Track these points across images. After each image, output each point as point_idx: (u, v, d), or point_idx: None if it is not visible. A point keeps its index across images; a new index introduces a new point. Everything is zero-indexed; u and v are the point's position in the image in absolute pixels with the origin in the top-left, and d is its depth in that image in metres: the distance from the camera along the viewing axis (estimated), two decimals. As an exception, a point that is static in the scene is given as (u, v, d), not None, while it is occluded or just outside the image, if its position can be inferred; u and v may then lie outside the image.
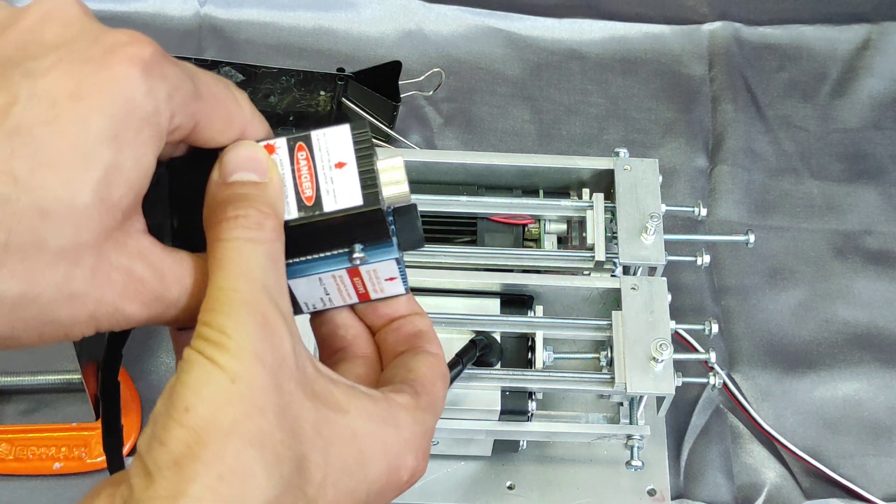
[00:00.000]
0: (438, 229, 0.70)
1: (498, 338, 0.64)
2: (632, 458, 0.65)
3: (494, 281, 0.67)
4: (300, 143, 0.37)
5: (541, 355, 0.65)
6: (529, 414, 0.64)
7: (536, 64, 0.95)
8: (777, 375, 0.78)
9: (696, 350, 0.75)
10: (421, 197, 0.69)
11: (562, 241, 0.71)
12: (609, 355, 0.65)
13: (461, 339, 0.63)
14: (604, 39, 0.96)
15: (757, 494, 0.73)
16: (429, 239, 0.69)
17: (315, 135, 0.37)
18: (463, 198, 0.70)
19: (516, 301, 0.67)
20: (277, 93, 0.83)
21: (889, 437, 0.76)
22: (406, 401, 0.37)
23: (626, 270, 0.68)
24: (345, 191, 0.36)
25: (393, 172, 0.37)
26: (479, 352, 0.62)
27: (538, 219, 0.71)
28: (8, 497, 0.70)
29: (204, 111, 0.35)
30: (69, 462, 0.71)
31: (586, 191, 0.71)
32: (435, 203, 0.70)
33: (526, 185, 0.73)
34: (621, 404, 0.68)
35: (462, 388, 0.63)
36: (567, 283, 0.67)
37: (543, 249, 0.70)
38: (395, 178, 0.37)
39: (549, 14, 0.97)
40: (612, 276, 0.67)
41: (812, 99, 0.94)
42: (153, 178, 0.33)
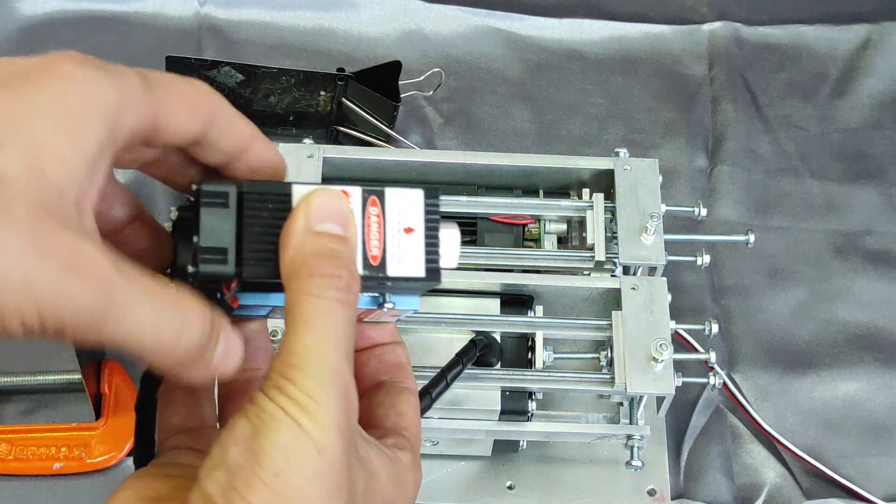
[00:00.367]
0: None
1: (498, 338, 0.64)
2: (632, 458, 0.65)
3: (494, 281, 0.67)
4: (373, 198, 0.37)
5: (541, 355, 0.65)
6: (529, 414, 0.64)
7: (536, 64, 0.95)
8: (777, 375, 0.78)
9: (696, 350, 0.75)
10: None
11: (562, 241, 0.71)
12: (609, 355, 0.65)
13: (461, 339, 0.63)
14: (604, 39, 0.96)
15: (757, 494, 0.73)
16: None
17: (389, 193, 0.38)
18: (463, 198, 0.70)
19: (516, 301, 0.67)
20: (277, 93, 0.83)
21: (889, 437, 0.76)
22: (409, 460, 0.39)
23: (626, 270, 0.68)
24: (409, 258, 0.37)
25: (451, 242, 0.39)
26: (479, 352, 0.62)
27: (538, 219, 0.71)
28: (8, 497, 0.70)
29: (161, 100, 0.35)
30: (69, 462, 0.71)
31: (586, 191, 0.71)
32: (435, 203, 0.70)
33: (526, 185, 0.73)
34: (621, 404, 0.68)
35: (462, 388, 0.63)
36: (567, 283, 0.67)
37: (543, 249, 0.70)
38: (452, 251, 0.39)
39: (549, 14, 0.96)
40: (612, 276, 0.67)
41: (812, 99, 0.94)
42: (184, 200, 0.33)
